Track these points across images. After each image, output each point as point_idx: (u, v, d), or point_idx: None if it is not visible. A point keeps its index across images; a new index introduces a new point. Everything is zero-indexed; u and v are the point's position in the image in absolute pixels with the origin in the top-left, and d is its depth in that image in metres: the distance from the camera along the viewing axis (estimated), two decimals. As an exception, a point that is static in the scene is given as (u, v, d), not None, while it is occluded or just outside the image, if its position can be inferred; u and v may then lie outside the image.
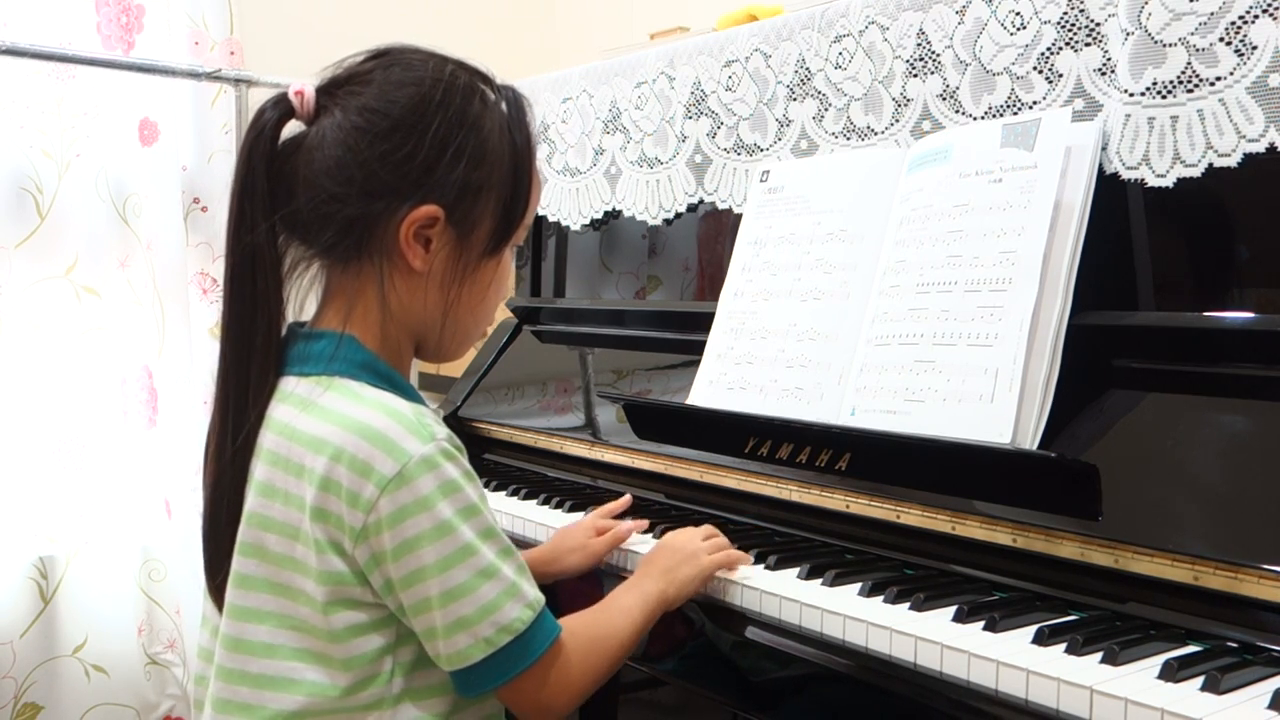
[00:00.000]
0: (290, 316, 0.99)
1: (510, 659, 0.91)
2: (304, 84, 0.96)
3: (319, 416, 0.92)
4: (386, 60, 0.97)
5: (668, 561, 1.12)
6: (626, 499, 1.35)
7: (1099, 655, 0.89)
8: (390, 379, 0.96)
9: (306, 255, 0.97)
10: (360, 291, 0.97)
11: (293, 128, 0.97)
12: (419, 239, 0.96)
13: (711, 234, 1.74)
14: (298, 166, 0.94)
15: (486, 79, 1.01)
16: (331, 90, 0.96)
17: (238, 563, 0.94)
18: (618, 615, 1.04)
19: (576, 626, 0.99)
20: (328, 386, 0.93)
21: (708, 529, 1.19)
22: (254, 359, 0.95)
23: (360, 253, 0.96)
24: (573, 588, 1.27)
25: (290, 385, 0.95)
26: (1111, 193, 1.15)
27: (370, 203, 0.94)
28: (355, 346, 0.96)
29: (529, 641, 0.92)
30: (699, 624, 1.14)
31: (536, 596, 0.94)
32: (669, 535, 1.19)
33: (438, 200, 0.95)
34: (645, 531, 1.34)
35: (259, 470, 0.94)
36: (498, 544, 0.92)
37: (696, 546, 1.14)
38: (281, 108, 0.95)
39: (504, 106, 1.01)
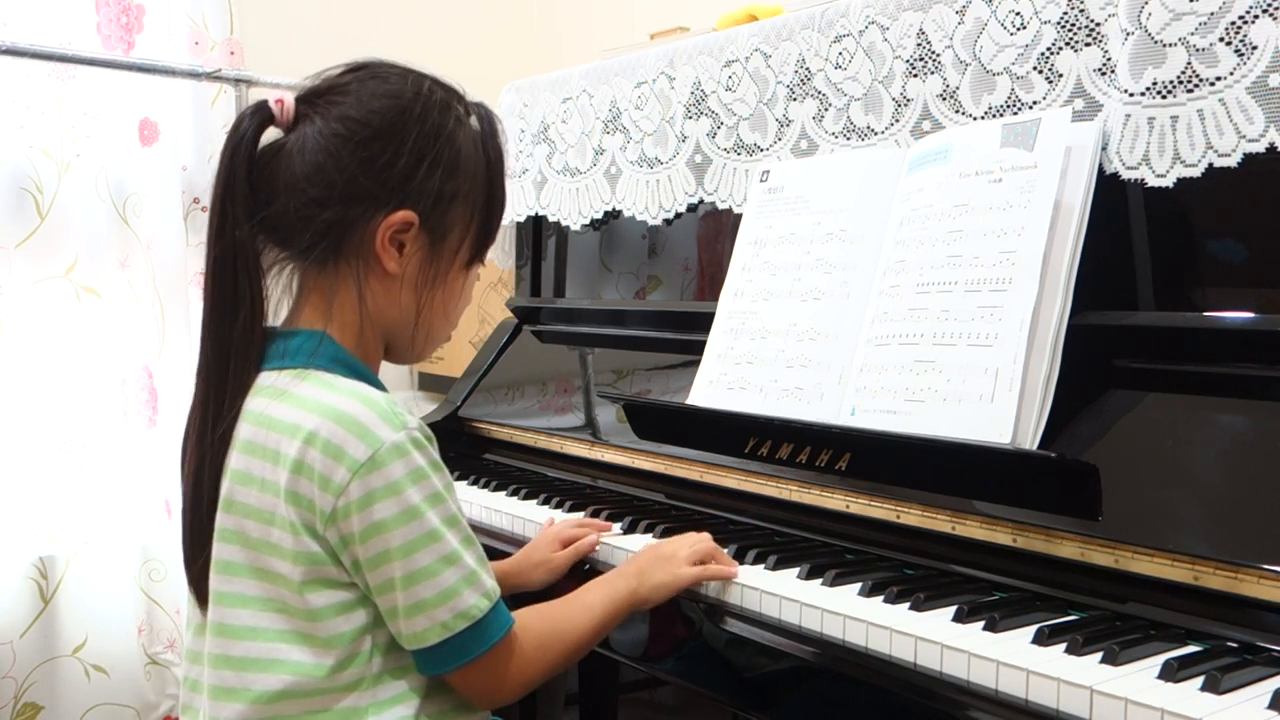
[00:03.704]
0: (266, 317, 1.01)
1: (465, 645, 0.95)
2: (283, 94, 1.00)
3: (293, 404, 0.94)
4: (365, 73, 1.01)
5: (646, 562, 1.14)
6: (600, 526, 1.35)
7: (1099, 655, 0.89)
8: (361, 374, 1.00)
9: (281, 258, 1.00)
10: (337, 292, 1.00)
11: (270, 135, 1.00)
12: (393, 243, 0.99)
13: (711, 234, 1.74)
14: (279, 171, 0.97)
15: (459, 96, 1.05)
16: (311, 99, 0.99)
17: (218, 549, 0.96)
18: (579, 610, 1.07)
19: (532, 619, 1.02)
20: (303, 378, 0.96)
21: (701, 536, 1.18)
22: (233, 356, 0.97)
23: (337, 255, 0.99)
24: (559, 583, 1.28)
25: (268, 379, 0.98)
26: (1111, 193, 1.15)
27: (349, 207, 0.97)
28: (332, 343, 0.99)
29: (483, 630, 0.95)
30: (699, 624, 1.14)
31: (493, 587, 0.97)
32: (662, 540, 1.20)
33: (413, 206, 0.99)
34: (646, 532, 1.34)
35: (235, 459, 0.96)
36: (460, 532, 0.96)
37: (679, 554, 1.15)
38: (261, 114, 0.98)
39: (475, 123, 1.04)
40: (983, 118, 1.29)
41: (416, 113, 0.98)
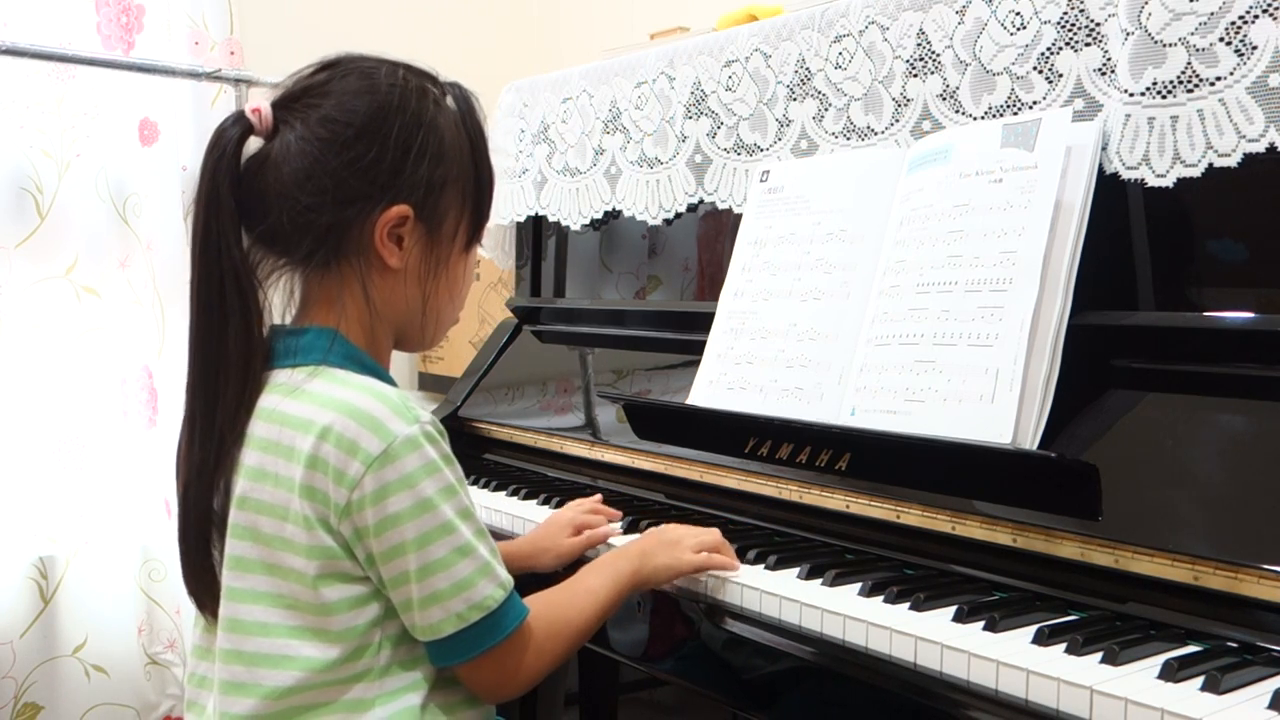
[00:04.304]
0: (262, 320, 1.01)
1: (479, 635, 0.95)
2: (259, 102, 0.99)
3: (307, 400, 0.95)
4: (339, 70, 1.00)
5: (649, 545, 1.15)
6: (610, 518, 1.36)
7: (1099, 655, 0.89)
8: (373, 370, 1.00)
9: (279, 265, 1.00)
10: (343, 293, 1.00)
11: (252, 145, 0.99)
12: (392, 238, 1.00)
13: (711, 234, 1.74)
14: (266, 182, 0.97)
15: (433, 79, 1.04)
16: (288, 104, 0.99)
17: (231, 545, 0.96)
18: (583, 596, 1.07)
19: (540, 608, 1.02)
20: (316, 374, 0.97)
21: (710, 530, 1.19)
22: (228, 370, 0.97)
23: (338, 257, 0.99)
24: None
25: (281, 376, 0.98)
26: (1111, 193, 1.15)
27: (343, 209, 0.97)
28: (344, 340, 1.00)
29: (499, 620, 0.96)
30: (699, 624, 1.14)
31: (507, 578, 0.98)
32: (668, 526, 1.21)
33: (406, 200, 0.99)
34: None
35: (250, 456, 0.96)
36: (474, 525, 0.96)
37: (684, 540, 1.16)
38: (241, 126, 0.98)
39: (452, 103, 1.04)
40: (983, 118, 1.29)
41: (395, 104, 0.98)
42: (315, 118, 0.97)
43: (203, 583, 0.99)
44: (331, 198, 0.96)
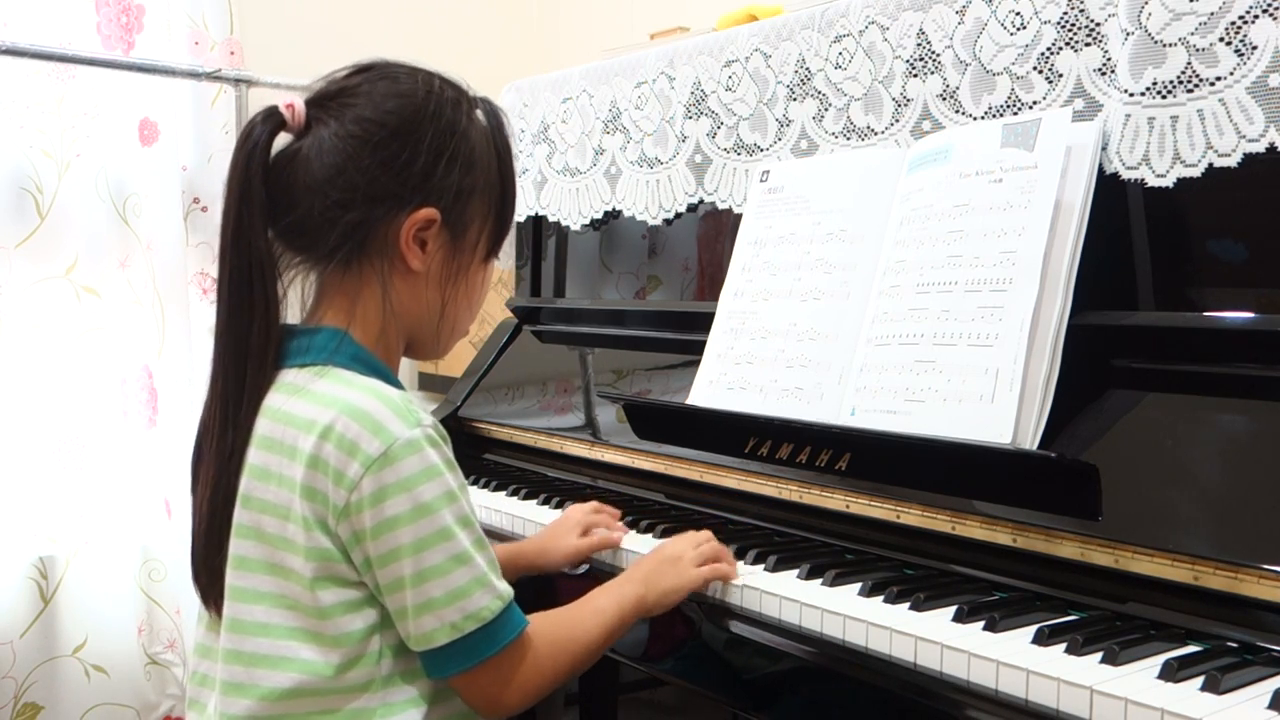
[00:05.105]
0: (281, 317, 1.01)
1: (473, 647, 0.94)
2: (293, 98, 1.00)
3: (310, 400, 0.95)
4: (374, 74, 1.01)
5: (652, 567, 1.13)
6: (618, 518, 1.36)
7: (1099, 655, 0.89)
8: (380, 373, 1.00)
9: (296, 262, 1.00)
10: (361, 292, 1.00)
11: (281, 141, 1.00)
12: (416, 240, 1.00)
13: (711, 234, 1.74)
14: (296, 177, 0.97)
15: (465, 93, 1.05)
16: (321, 102, 0.99)
17: (235, 545, 0.96)
18: (590, 616, 1.06)
19: (543, 625, 1.01)
20: (322, 375, 0.97)
21: (705, 535, 1.18)
22: (250, 360, 0.97)
23: (361, 256, 0.99)
24: (568, 586, 1.28)
25: (289, 376, 0.98)
26: (1111, 193, 1.15)
27: (372, 208, 0.98)
28: (351, 341, 1.00)
29: (494, 632, 0.94)
30: (699, 624, 1.14)
31: (506, 589, 0.96)
32: (665, 541, 1.20)
33: (435, 203, 0.99)
34: (646, 532, 1.34)
35: (254, 455, 0.96)
36: (473, 533, 0.95)
37: (686, 555, 1.14)
38: (273, 120, 0.98)
39: (481, 116, 1.05)
40: (983, 118, 1.29)
41: (430, 110, 0.99)
42: (350, 116, 0.97)
43: (212, 579, 0.99)
44: (362, 195, 0.97)
